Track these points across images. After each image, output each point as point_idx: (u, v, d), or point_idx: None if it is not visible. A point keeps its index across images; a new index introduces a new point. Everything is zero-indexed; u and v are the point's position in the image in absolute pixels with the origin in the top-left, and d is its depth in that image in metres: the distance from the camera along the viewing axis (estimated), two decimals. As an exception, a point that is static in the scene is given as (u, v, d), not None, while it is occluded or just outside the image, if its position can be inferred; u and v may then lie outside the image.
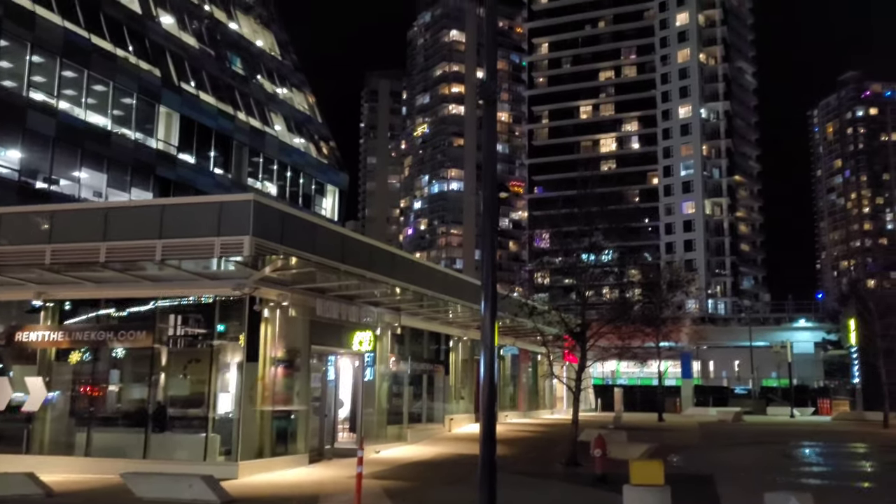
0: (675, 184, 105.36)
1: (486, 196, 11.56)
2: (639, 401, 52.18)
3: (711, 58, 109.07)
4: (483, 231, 11.09)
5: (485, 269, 10.75)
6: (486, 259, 10.66)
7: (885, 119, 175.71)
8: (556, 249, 27.97)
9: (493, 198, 11.85)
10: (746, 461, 22.18)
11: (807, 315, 71.15)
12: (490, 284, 10.49)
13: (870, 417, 40.44)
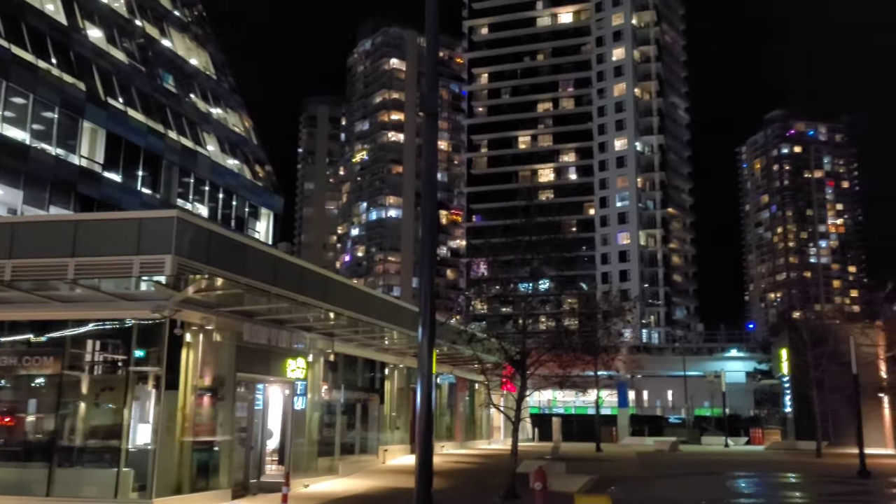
0: (610, 215, 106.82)
1: (427, 210, 10.87)
2: (576, 430, 51.83)
3: (646, 92, 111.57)
4: (422, 248, 10.38)
5: (423, 286, 10.01)
6: (424, 274, 9.95)
7: (808, 157, 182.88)
8: (494, 278, 27.70)
9: (433, 212, 11.19)
10: (688, 493, 21.78)
11: (738, 345, 72.42)
12: (428, 305, 9.75)
13: (802, 447, 40.84)
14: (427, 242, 10.39)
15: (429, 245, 10.36)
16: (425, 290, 9.85)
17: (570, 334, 26.70)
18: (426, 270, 10.13)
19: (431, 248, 10.51)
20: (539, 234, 22.65)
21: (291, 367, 21.48)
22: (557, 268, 26.43)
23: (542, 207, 23.35)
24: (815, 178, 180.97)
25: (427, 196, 10.98)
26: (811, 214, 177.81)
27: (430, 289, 9.81)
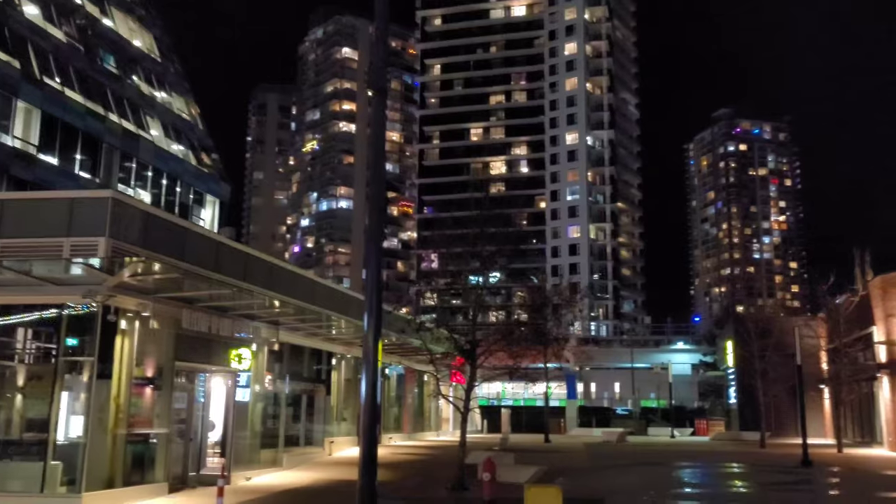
0: (561, 208, 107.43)
1: (374, 191, 10.41)
2: (524, 422, 51.90)
3: (597, 87, 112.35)
4: (370, 230, 9.88)
5: (370, 270, 9.56)
6: (371, 257, 9.47)
7: (753, 155, 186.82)
8: (444, 270, 27.48)
9: (380, 192, 10.73)
10: (636, 483, 21.73)
11: (684, 338, 73.46)
12: (374, 290, 9.28)
13: (746, 437, 41.47)
14: (374, 223, 9.94)
15: (376, 226, 9.91)
16: (372, 273, 9.40)
17: (520, 325, 26.60)
18: (373, 254, 9.66)
19: (379, 229, 10.06)
20: (490, 226, 22.50)
21: (234, 357, 20.80)
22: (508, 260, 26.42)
23: (493, 200, 23.12)
24: (759, 175, 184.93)
25: (375, 175, 10.52)
26: (755, 211, 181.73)
27: (377, 272, 9.36)
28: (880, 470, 24.51)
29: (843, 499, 18.69)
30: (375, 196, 10.63)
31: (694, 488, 21.21)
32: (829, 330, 36.44)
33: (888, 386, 31.09)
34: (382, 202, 11.07)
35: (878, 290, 31.70)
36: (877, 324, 31.85)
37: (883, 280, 31.45)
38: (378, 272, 9.55)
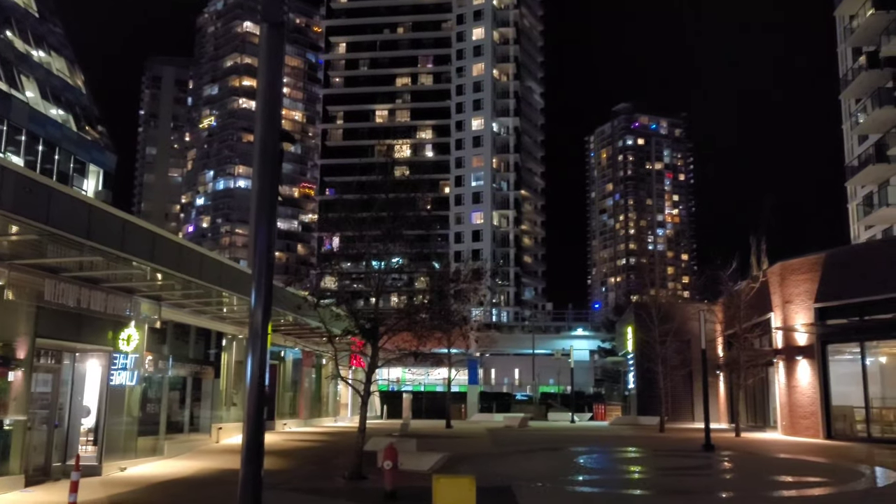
0: (465, 194, 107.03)
1: (267, 140, 8.77)
2: (425, 407, 50.99)
3: (504, 74, 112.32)
4: (260, 186, 8.31)
5: (259, 232, 7.96)
6: (262, 216, 7.88)
7: (650, 149, 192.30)
8: (345, 253, 26.44)
9: (274, 143, 9.07)
10: (542, 469, 20.92)
11: (584, 324, 74.24)
12: (264, 255, 7.69)
13: (643, 422, 41.81)
14: (267, 178, 8.29)
15: (269, 182, 8.27)
16: (262, 237, 7.79)
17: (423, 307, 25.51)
18: (264, 213, 8.02)
19: (272, 185, 8.41)
20: (393, 210, 21.60)
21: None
22: (411, 245, 25.67)
23: (397, 183, 22.21)
24: (655, 169, 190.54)
25: (267, 123, 8.87)
26: (650, 204, 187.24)
27: (268, 234, 7.76)
28: (777, 453, 24.68)
29: (744, 480, 18.37)
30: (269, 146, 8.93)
31: (604, 474, 20.57)
32: (727, 316, 36.95)
33: (784, 371, 31.65)
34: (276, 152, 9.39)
35: (777, 276, 32.18)
36: (774, 310, 32.36)
37: (782, 267, 31.93)
38: (269, 234, 7.92)
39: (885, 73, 47.95)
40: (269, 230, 7.70)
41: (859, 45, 52.29)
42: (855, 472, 19.56)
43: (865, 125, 50.31)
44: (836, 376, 30.16)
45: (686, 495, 16.38)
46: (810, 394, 30.15)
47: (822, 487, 16.78)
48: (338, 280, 32.68)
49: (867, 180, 50.57)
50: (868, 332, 28.28)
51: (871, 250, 32.10)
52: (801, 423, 30.50)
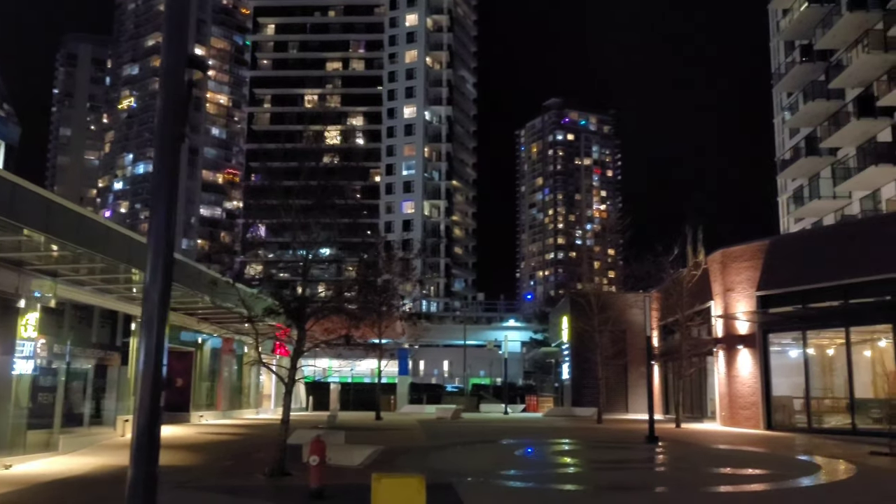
0: (396, 183, 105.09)
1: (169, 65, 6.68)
2: (353, 399, 49.05)
3: (437, 62, 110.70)
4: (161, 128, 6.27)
5: (159, 187, 5.97)
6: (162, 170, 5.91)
7: (579, 145, 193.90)
8: (271, 241, 25.19)
9: (179, 67, 7.04)
10: (483, 463, 19.33)
11: (516, 315, 73.35)
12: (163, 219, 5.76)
13: (578, 413, 40.87)
14: (168, 118, 6.27)
15: (171, 123, 6.25)
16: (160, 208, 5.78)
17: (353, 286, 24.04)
18: (165, 163, 6.04)
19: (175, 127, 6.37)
20: (322, 197, 20.45)
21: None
22: (340, 234, 25.18)
23: (326, 170, 20.90)
24: (584, 165, 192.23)
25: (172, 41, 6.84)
26: (579, 199, 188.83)
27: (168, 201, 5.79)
28: (721, 444, 23.80)
29: (690, 473, 17.20)
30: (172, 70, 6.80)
31: (549, 468, 19.12)
32: (665, 305, 36.23)
33: (724, 361, 30.98)
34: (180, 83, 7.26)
35: (718, 264, 31.47)
36: (715, 298, 31.66)
37: (723, 254, 31.23)
38: (169, 200, 5.91)
39: (818, 67, 48.21)
40: (171, 177, 5.78)
41: (792, 38, 52.59)
42: (798, 463, 18.69)
43: (797, 119, 50.57)
44: (777, 366, 29.63)
45: (640, 491, 15.04)
46: (751, 383, 29.52)
47: (765, 482, 15.67)
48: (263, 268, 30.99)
49: (798, 173, 50.90)
50: (810, 320, 27.76)
51: (814, 237, 31.75)
52: (741, 413, 29.86)
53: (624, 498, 14.21)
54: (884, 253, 24.58)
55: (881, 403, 26.17)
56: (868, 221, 32.58)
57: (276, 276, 28.82)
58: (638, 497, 14.33)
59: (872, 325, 26.32)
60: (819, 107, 47.28)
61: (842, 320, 26.36)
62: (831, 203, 45.76)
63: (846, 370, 26.23)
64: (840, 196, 45.19)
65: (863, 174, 41.84)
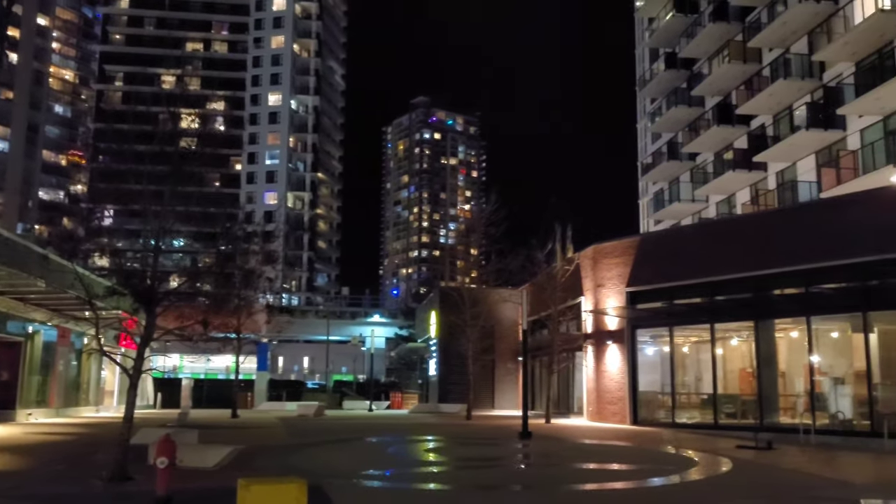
0: (259, 172, 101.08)
1: None
2: (206, 396, 46.00)
3: (305, 50, 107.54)
4: None
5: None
6: None
7: (446, 144, 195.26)
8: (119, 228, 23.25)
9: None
10: (351, 463, 17.83)
11: (381, 311, 71.96)
12: None
13: (445, 410, 40.07)
14: None
15: None
16: None
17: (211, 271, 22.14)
18: None
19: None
20: (177, 184, 18.75)
21: None
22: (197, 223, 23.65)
23: (183, 156, 19.11)
24: (450, 164, 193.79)
25: None
26: (444, 198, 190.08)
27: None
28: (592, 440, 23.55)
29: (561, 469, 16.54)
30: None
31: (424, 466, 17.87)
32: (535, 300, 35.97)
33: (592, 356, 30.97)
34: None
35: (590, 259, 31.46)
36: (585, 294, 31.64)
37: (595, 250, 31.23)
38: None
39: (681, 74, 49.97)
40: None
41: (658, 46, 54.32)
42: (675, 459, 18.53)
43: (660, 124, 52.25)
44: (644, 362, 29.89)
45: (509, 490, 14.10)
46: (618, 379, 29.62)
47: (647, 477, 15.12)
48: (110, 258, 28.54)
49: (660, 177, 52.59)
50: (677, 316, 28.11)
51: (683, 235, 32.37)
52: (608, 408, 29.91)
53: (494, 497, 13.25)
54: (746, 252, 25.14)
55: (733, 399, 26.88)
56: (732, 221, 33.62)
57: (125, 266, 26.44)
58: (508, 496, 13.42)
59: (736, 321, 26.91)
60: (681, 113, 48.97)
61: (708, 316, 26.79)
62: (690, 206, 47.46)
63: (710, 366, 26.68)
64: (698, 200, 46.94)
65: (720, 179, 43.55)
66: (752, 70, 41.83)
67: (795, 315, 24.46)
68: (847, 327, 24.02)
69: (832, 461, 18.11)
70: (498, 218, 34.95)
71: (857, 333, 23.11)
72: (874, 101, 31.26)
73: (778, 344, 26.18)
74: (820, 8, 35.82)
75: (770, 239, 24.94)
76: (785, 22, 37.55)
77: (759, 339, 25.70)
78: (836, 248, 22.61)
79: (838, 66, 34.95)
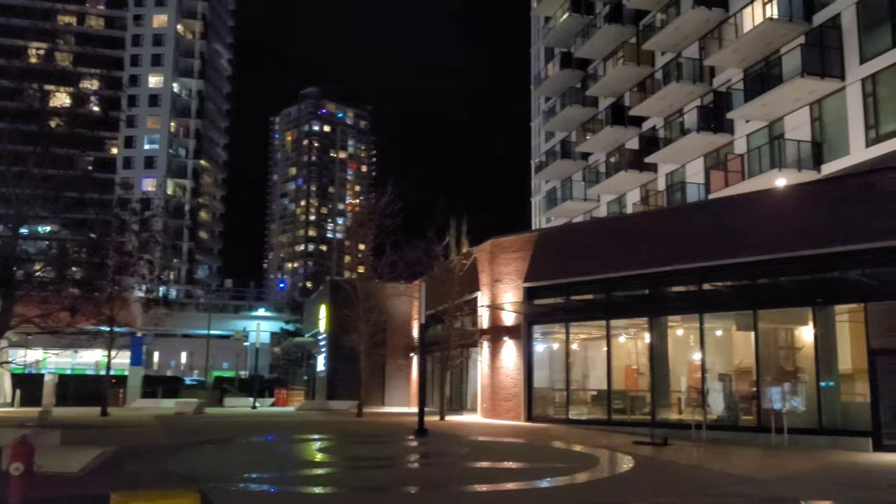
0: (136, 157, 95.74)
1: None
2: (73, 393, 42.65)
3: (190, 32, 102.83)
4: None
5: None
6: None
7: (335, 137, 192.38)
8: None
9: None
10: (236, 465, 16.39)
11: (266, 304, 69.43)
12: None
13: (333, 407, 38.72)
14: None
15: None
16: None
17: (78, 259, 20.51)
18: None
19: None
20: (44, 166, 17.68)
21: None
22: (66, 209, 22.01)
23: (53, 136, 17.96)
24: (339, 158, 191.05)
25: None
26: (332, 192, 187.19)
27: None
28: (488, 437, 22.97)
29: (455, 468, 15.82)
30: None
31: (320, 467, 16.64)
32: (431, 294, 35.13)
33: (488, 352, 30.47)
34: None
35: (487, 254, 30.94)
36: (482, 289, 31.11)
37: (493, 244, 30.74)
38: None
39: (576, 74, 50.52)
40: None
41: (553, 45, 54.77)
42: (577, 455, 18.21)
43: (554, 123, 52.69)
44: (539, 358, 29.66)
45: (402, 492, 13.21)
46: (514, 375, 29.24)
47: (541, 477, 14.56)
48: None
49: (553, 175, 53.03)
50: (574, 312, 27.97)
51: (581, 231, 32.36)
52: (503, 405, 29.48)
53: (385, 499, 12.36)
54: (642, 249, 25.25)
55: (626, 394, 27.05)
56: (630, 219, 33.96)
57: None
58: (401, 499, 12.54)
59: (632, 318, 27.03)
60: (575, 113, 49.51)
61: (604, 313, 26.78)
62: (582, 205, 48.02)
63: (606, 362, 26.68)
64: (590, 199, 47.56)
65: (612, 179, 44.23)
66: (645, 73, 42.67)
67: (689, 312, 24.72)
68: (738, 325, 24.50)
69: (729, 456, 18.21)
70: (394, 209, 33.91)
71: (746, 331, 23.59)
72: (761, 106, 32.28)
73: (671, 340, 26.47)
74: (711, 15, 36.80)
75: (666, 236, 25.13)
76: (678, 27, 38.40)
77: (653, 335, 25.89)
78: (729, 247, 22.98)
79: (728, 71, 36.02)
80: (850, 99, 29.45)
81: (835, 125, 30.30)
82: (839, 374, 21.64)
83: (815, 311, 21.64)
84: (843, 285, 21.05)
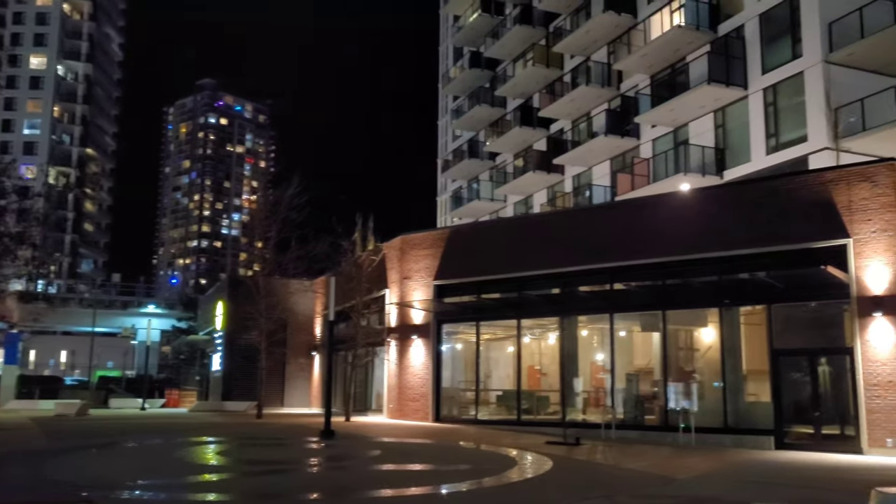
0: (15, 142, 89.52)
1: None
2: (-67, 395, 39.11)
3: (77, 12, 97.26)
4: None
5: None
6: None
7: (233, 131, 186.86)
8: None
9: None
10: (123, 471, 14.94)
11: (157, 301, 66.08)
12: None
13: (229, 408, 36.93)
14: None
15: None
16: None
17: None
18: None
19: None
20: None
21: None
22: None
23: None
24: (236, 152, 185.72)
25: None
26: (228, 186, 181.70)
27: None
28: (396, 438, 22.17)
29: (362, 472, 15.03)
30: None
31: (219, 472, 15.41)
32: (337, 291, 34.00)
33: (396, 351, 29.63)
34: None
35: (397, 251, 30.11)
36: (391, 286, 30.24)
37: (402, 241, 29.93)
38: None
39: (485, 74, 50.43)
40: None
41: (463, 45, 54.53)
42: (490, 456, 17.70)
43: (462, 122, 52.41)
44: (448, 357, 29.10)
45: (325, 498, 12.31)
46: (422, 375, 28.51)
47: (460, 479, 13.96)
48: None
49: (460, 175, 52.73)
50: (485, 311, 27.55)
51: (492, 229, 31.94)
52: (410, 405, 28.70)
53: None
54: (554, 248, 25.10)
55: (536, 394, 26.88)
56: (541, 218, 33.88)
57: None
58: None
59: (542, 317, 26.86)
60: (483, 112, 49.38)
61: (515, 312, 26.47)
62: (489, 205, 47.90)
63: (516, 361, 26.39)
64: (497, 199, 47.49)
65: (519, 179, 44.27)
66: (554, 75, 42.91)
67: (600, 312, 24.71)
68: (646, 324, 24.66)
69: (643, 456, 18.11)
70: (300, 202, 32.61)
71: (654, 332, 23.77)
72: (668, 112, 32.90)
73: (581, 340, 26.43)
74: (621, 20, 37.32)
75: (578, 236, 25.06)
76: (588, 31, 38.77)
77: (563, 335, 25.77)
78: (639, 247, 23.06)
79: (636, 76, 36.58)
80: (752, 107, 30.37)
81: (737, 132, 31.18)
82: (743, 374, 22.08)
83: (722, 312, 21.99)
84: (749, 287, 21.48)
